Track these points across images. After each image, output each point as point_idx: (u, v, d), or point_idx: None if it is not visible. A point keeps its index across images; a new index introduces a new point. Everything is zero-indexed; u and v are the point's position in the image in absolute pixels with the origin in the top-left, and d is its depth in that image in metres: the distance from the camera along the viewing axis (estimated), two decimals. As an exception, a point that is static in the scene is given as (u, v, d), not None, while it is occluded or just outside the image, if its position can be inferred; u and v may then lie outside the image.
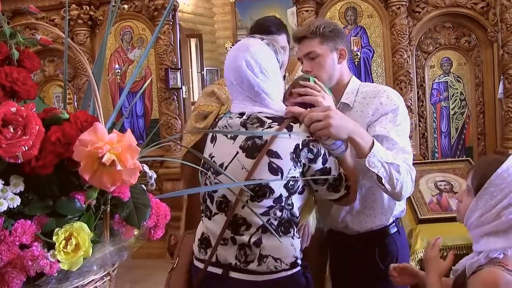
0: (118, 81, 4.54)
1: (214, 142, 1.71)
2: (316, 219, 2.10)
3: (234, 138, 1.63)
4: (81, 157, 0.82)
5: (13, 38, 0.93)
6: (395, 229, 1.94)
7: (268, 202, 1.57)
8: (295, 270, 1.63)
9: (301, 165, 1.59)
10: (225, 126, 1.68)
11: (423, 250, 2.47)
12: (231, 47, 6.85)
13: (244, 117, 1.63)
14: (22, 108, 0.80)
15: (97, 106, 0.97)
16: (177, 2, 4.31)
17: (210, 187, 1.65)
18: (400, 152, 1.74)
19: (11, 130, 0.79)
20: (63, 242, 0.89)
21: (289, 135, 1.58)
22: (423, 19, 4.24)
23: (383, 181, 1.66)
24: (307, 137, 1.59)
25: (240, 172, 1.57)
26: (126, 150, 0.83)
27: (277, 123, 1.60)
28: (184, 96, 4.56)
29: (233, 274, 1.61)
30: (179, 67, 4.36)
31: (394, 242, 1.92)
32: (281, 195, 1.58)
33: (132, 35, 4.41)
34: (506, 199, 1.51)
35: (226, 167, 1.61)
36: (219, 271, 1.63)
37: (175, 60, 4.31)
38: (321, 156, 1.60)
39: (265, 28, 2.21)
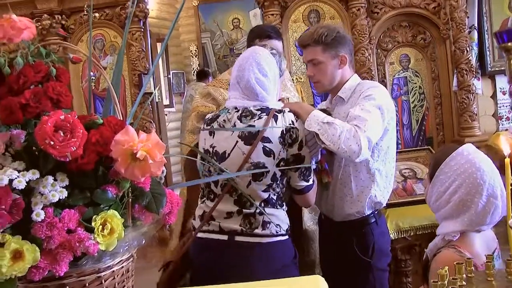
0: (92, 88, 4.64)
1: (213, 135, 2.01)
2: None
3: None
4: (118, 154, 1.00)
5: (48, 57, 1.10)
6: (373, 220, 2.17)
7: (267, 180, 1.91)
8: (287, 237, 1.97)
9: (287, 148, 1.91)
10: (225, 120, 1.98)
11: (393, 231, 2.71)
12: (195, 50, 6.93)
13: (240, 111, 1.96)
14: (69, 115, 0.97)
15: (118, 112, 1.15)
16: (147, 9, 4.44)
17: (220, 176, 1.93)
18: (355, 120, 1.92)
19: (62, 134, 0.96)
20: (100, 227, 1.06)
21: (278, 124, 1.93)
22: (381, 19, 4.50)
23: (321, 138, 1.89)
24: (289, 124, 1.92)
25: (241, 157, 1.90)
26: (155, 146, 1.01)
27: (265, 113, 1.93)
28: (157, 100, 4.71)
29: (238, 238, 1.91)
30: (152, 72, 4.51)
31: (371, 231, 2.16)
32: (275, 174, 1.92)
33: (104, 42, 4.52)
34: (452, 185, 1.69)
35: (229, 154, 1.93)
36: (223, 237, 1.93)
37: (148, 65, 4.46)
38: (298, 142, 1.93)
39: (265, 33, 2.51)
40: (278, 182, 1.94)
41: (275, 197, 1.95)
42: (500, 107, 4.79)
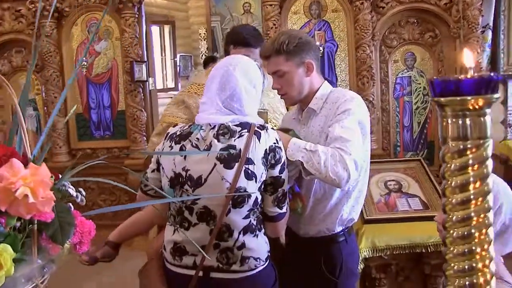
0: (84, 73, 4.55)
1: (183, 155, 1.74)
2: None
3: (207, 150, 1.70)
4: (-3, 191, 0.88)
5: None
6: (343, 238, 2.02)
7: (248, 206, 1.71)
8: (268, 262, 1.81)
9: (268, 169, 1.71)
10: (198, 139, 1.73)
11: (368, 249, 2.56)
12: (205, 33, 6.76)
13: (216, 129, 1.71)
14: None
15: (24, 135, 1.03)
16: (142, -6, 4.31)
17: (188, 198, 1.73)
18: (337, 142, 1.76)
19: None
20: (-15, 263, 0.95)
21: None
22: (387, 14, 4.31)
23: (305, 166, 1.74)
24: (274, 143, 1.72)
25: (220, 182, 1.67)
26: (38, 184, 0.89)
27: (246, 130, 1.70)
28: (150, 88, 4.59)
29: (214, 275, 1.74)
30: (145, 59, 4.39)
31: (339, 250, 2.01)
32: (256, 198, 1.73)
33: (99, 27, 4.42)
34: (502, 207, 1.61)
35: (205, 179, 1.69)
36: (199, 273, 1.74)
37: (141, 52, 4.33)
38: (281, 164, 1.73)
39: (244, 40, 2.25)
40: (258, 206, 1.75)
41: (255, 222, 1.76)
42: (510, 114, 4.55)
